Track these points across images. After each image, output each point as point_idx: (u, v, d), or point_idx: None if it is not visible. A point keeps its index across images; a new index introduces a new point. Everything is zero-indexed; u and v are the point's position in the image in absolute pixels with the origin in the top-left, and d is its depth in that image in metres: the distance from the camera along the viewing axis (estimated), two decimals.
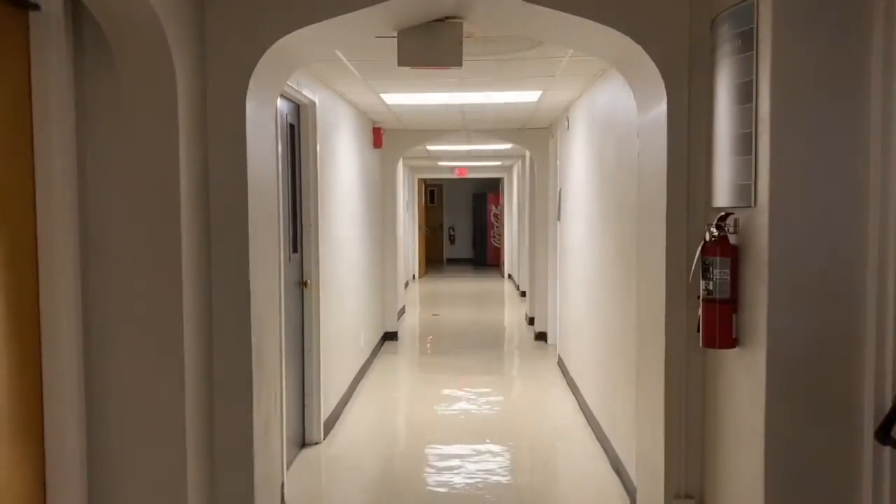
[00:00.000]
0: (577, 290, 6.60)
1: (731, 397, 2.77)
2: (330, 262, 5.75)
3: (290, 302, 4.92)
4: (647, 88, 3.28)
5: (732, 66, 2.68)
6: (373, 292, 8.39)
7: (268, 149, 3.47)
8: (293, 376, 4.98)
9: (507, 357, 8.65)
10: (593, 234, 5.71)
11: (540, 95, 6.39)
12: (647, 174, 3.40)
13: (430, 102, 6.78)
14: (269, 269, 3.46)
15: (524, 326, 10.53)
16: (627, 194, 4.45)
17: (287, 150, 4.87)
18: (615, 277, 4.84)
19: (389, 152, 9.26)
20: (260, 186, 3.31)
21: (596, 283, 5.59)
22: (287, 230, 4.81)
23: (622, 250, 4.62)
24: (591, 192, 5.83)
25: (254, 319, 3.15)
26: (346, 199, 6.55)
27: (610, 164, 5.03)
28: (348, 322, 6.67)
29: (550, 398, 6.67)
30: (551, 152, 8.81)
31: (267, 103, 3.40)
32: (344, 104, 6.55)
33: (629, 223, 4.37)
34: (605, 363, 5.22)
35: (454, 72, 5.31)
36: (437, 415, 6.17)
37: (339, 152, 6.24)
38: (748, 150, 2.56)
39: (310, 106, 5.21)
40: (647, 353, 3.39)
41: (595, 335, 5.61)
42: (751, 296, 2.58)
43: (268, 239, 3.46)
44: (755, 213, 2.54)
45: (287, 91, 4.63)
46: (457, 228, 22.80)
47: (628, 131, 4.41)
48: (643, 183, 3.46)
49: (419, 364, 8.32)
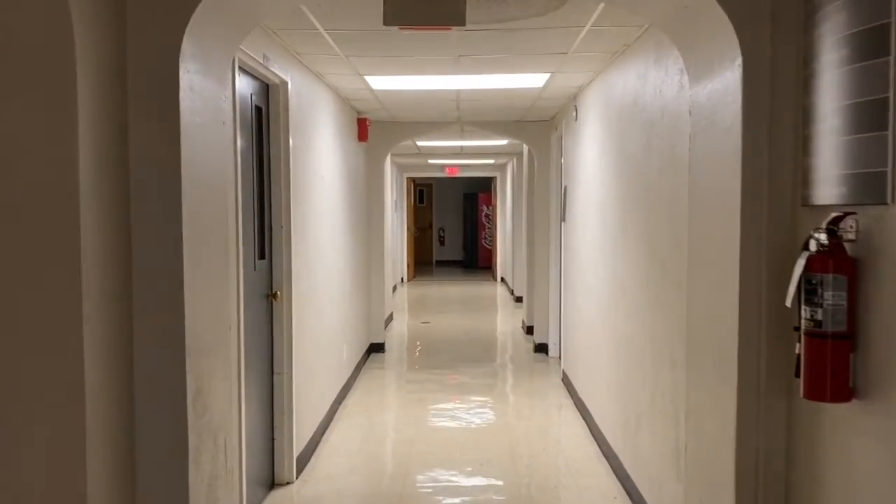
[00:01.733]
0: (588, 300, 5.84)
1: (844, 474, 2.00)
2: (305, 269, 4.97)
3: (256, 318, 4.14)
4: (708, 50, 2.52)
5: (850, 8, 1.92)
6: (357, 301, 7.60)
7: (217, 133, 2.69)
8: (259, 406, 4.19)
9: (506, 372, 7.87)
10: (610, 237, 4.95)
11: (547, 80, 5.63)
12: (704, 162, 2.64)
13: (421, 88, 6.00)
14: (215, 286, 2.67)
15: (521, 336, 9.76)
16: (660, 189, 3.69)
17: (252, 137, 4.08)
18: (641, 289, 4.08)
19: (376, 147, 8.47)
20: (204, 182, 2.54)
21: (613, 294, 4.83)
22: (251, 234, 4.03)
23: (652, 256, 3.86)
24: (607, 188, 5.07)
25: (191, 355, 2.37)
26: (325, 197, 5.76)
27: (634, 156, 4.27)
28: (328, 336, 5.88)
29: (557, 422, 5.91)
30: (554, 147, 8.05)
31: (214, 73, 2.62)
32: (323, 88, 5.76)
33: (662, 224, 3.61)
34: (625, 387, 4.46)
35: (449, 50, 4.54)
36: (427, 443, 5.39)
37: (317, 143, 5.45)
38: (878, 125, 1.80)
39: (281, 86, 4.42)
40: (704, 397, 2.62)
41: (612, 354, 4.85)
42: (881, 329, 1.82)
43: (215, 247, 2.68)
44: (891, 212, 1.78)
45: (249, 65, 3.84)
46: (447, 229, 22.04)
47: (663, 115, 3.65)
48: (698, 173, 2.70)
49: (408, 380, 7.54)
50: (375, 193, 8.65)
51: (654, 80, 3.82)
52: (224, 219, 2.83)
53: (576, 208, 6.41)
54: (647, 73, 3.97)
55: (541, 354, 8.43)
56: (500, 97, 6.56)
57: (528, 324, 9.56)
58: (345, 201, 6.75)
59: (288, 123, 4.44)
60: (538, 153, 8.43)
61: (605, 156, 5.14)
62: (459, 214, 21.71)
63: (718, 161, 2.49)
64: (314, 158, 5.34)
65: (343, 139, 6.72)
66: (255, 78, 4.13)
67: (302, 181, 4.88)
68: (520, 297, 12.59)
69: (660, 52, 3.72)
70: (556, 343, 8.12)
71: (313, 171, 5.29)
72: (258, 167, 4.19)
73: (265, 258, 4.30)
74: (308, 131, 5.14)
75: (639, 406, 4.12)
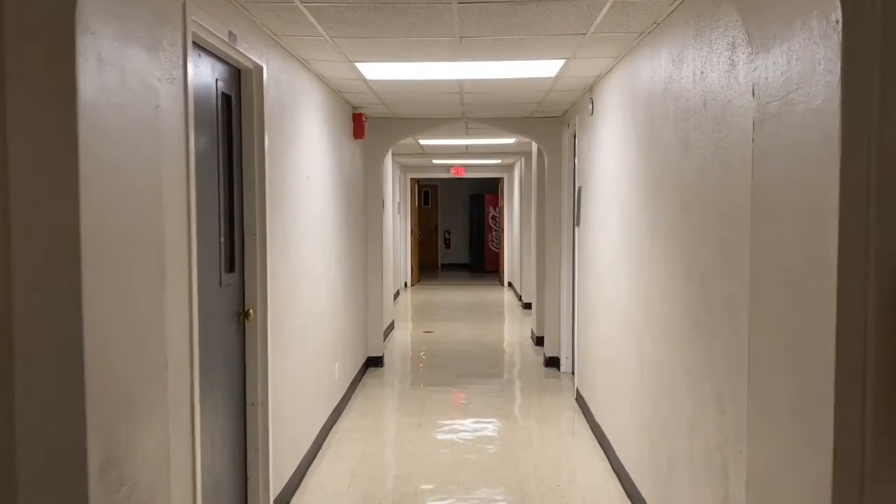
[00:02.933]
0: (605, 313, 5.22)
1: None
2: (286, 282, 4.37)
3: (223, 341, 3.54)
4: (786, 4, 1.91)
5: None
6: (352, 313, 6.99)
7: (148, 120, 2.09)
8: (229, 444, 3.58)
9: (515, 389, 7.24)
10: (634, 245, 4.33)
11: (560, 67, 5.01)
12: (776, 155, 2.02)
13: (419, 78, 5.39)
14: (142, 314, 2.06)
15: (530, 347, 9.14)
16: (700, 191, 3.08)
17: (218, 129, 3.48)
18: (673, 309, 3.47)
19: (374, 144, 7.87)
20: (121, 180, 1.94)
21: (638, 310, 4.21)
22: (216, 243, 3.43)
23: (689, 271, 3.24)
24: (629, 190, 4.46)
25: (97, 411, 1.76)
26: (312, 199, 5.15)
27: (665, 153, 3.66)
28: (315, 355, 5.27)
29: (573, 453, 5.29)
30: (566, 145, 7.43)
31: (140, 40, 2.02)
32: (310, 78, 5.16)
33: (704, 232, 3.00)
34: (653, 422, 3.84)
35: (450, 30, 3.93)
36: (426, 478, 4.77)
37: (302, 139, 4.85)
38: None
39: (254, 72, 3.82)
40: (776, 462, 2.00)
41: (636, 380, 4.23)
42: None
43: (142, 264, 2.07)
44: None
45: (212, 44, 3.24)
46: (452, 232, 21.43)
47: (705, 102, 3.03)
48: (767, 170, 2.08)
49: (407, 400, 6.92)
50: (374, 195, 8.04)
51: (693, 60, 3.20)
52: (158, 227, 2.23)
53: (591, 212, 5.79)
54: (684, 53, 3.35)
55: (552, 369, 7.81)
56: (507, 90, 5.95)
57: (537, 334, 8.96)
58: (337, 204, 6.15)
59: (263, 114, 3.84)
60: (549, 152, 7.82)
61: (628, 153, 4.52)
62: (465, 216, 21.13)
63: (801, 152, 1.87)
64: (298, 156, 4.73)
65: (335, 136, 6.12)
66: (222, 61, 3.53)
67: (282, 181, 4.28)
68: (528, 304, 11.97)
69: (700, 25, 3.11)
70: (569, 357, 7.50)
71: (297, 170, 4.69)
72: (226, 165, 3.59)
73: (234, 271, 3.70)
74: (291, 125, 4.53)
75: (672, 446, 3.50)
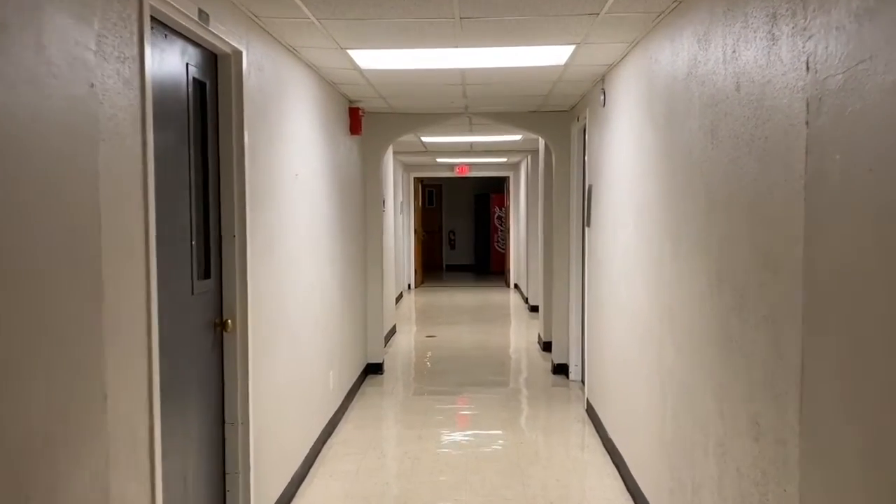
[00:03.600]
0: (619, 320, 4.84)
1: None
2: (272, 287, 4.00)
3: (197, 355, 3.17)
4: None
5: None
6: (349, 318, 6.62)
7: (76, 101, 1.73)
8: (205, 468, 3.22)
9: (522, 399, 6.86)
10: (653, 248, 3.95)
11: (570, 54, 4.63)
12: (845, 141, 1.65)
13: (417, 67, 5.02)
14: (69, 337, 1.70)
15: (537, 353, 8.76)
16: (732, 187, 2.70)
17: (189, 120, 3.11)
18: (700, 320, 3.09)
19: (372, 141, 7.50)
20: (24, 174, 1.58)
21: (657, 319, 3.84)
22: (186, 247, 3.06)
23: (720, 278, 2.86)
24: (646, 188, 4.08)
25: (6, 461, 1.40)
26: (302, 199, 4.79)
27: (689, 145, 3.28)
28: (306, 366, 4.91)
29: (585, 472, 4.91)
30: (575, 141, 7.05)
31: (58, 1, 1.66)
32: (299, 67, 4.79)
33: (738, 235, 2.62)
34: (673, 444, 3.46)
35: (449, 8, 3.56)
36: (427, 501, 4.41)
37: (289, 133, 4.48)
38: None
39: (233, 56, 3.46)
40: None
41: (654, 396, 3.85)
42: None
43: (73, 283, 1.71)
44: None
45: (180, 23, 2.86)
46: (457, 232, 21.03)
47: (738, 85, 2.65)
48: (834, 159, 1.71)
49: (407, 410, 6.55)
50: (373, 194, 7.67)
51: (724, 38, 2.82)
52: (91, 234, 1.86)
53: (603, 211, 5.41)
54: (711, 31, 2.97)
55: (560, 377, 7.43)
56: (512, 80, 5.57)
57: (544, 339, 8.58)
58: (332, 204, 5.78)
59: (242, 104, 3.48)
60: (557, 148, 7.44)
61: (644, 147, 4.14)
62: (470, 216, 20.75)
63: (876, 135, 1.50)
64: (286, 151, 4.37)
65: (329, 131, 5.75)
66: (195, 44, 3.16)
67: (267, 179, 3.92)
68: (535, 307, 11.60)
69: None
70: (578, 365, 7.12)
71: (285, 166, 4.32)
72: (200, 158, 3.23)
73: (210, 277, 3.33)
74: (277, 117, 4.17)
75: (696, 473, 3.12)
